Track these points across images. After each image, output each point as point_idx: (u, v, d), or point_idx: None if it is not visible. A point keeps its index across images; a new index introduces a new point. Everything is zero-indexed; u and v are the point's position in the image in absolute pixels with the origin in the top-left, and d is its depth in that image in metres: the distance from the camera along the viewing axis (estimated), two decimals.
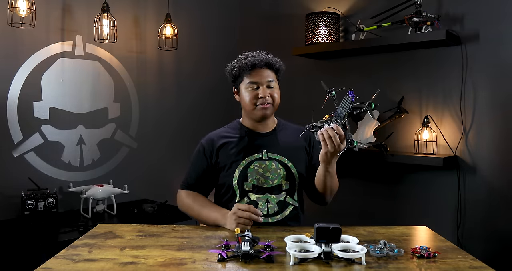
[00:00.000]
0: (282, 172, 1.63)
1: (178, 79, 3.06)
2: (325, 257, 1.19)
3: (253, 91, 1.63)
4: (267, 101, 1.62)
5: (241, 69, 1.64)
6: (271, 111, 1.66)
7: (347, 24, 2.82)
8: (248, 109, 1.66)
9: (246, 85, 1.64)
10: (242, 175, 1.62)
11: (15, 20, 2.15)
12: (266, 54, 1.67)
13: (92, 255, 1.24)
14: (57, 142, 2.52)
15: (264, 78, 1.63)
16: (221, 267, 1.16)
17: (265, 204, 1.62)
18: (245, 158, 1.64)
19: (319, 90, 2.93)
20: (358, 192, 2.77)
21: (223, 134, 1.72)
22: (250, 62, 1.62)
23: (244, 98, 1.65)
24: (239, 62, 1.66)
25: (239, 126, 1.74)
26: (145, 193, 2.84)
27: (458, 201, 2.38)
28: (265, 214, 1.61)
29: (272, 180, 1.62)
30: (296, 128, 1.74)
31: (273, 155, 1.65)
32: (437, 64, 2.46)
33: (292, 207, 1.65)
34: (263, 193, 1.62)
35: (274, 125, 1.74)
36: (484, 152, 2.32)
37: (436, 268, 1.17)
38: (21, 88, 2.36)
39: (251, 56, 1.65)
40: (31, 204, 2.29)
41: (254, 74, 1.63)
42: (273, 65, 1.65)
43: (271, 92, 1.63)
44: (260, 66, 1.63)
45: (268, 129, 1.71)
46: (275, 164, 1.64)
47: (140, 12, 2.84)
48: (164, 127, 3.00)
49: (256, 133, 1.70)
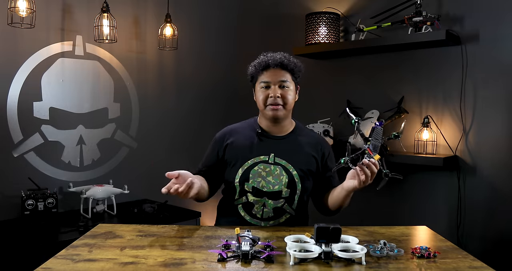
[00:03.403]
0: (284, 178, 1.61)
1: (178, 79, 3.06)
2: (325, 257, 1.19)
3: (265, 91, 1.62)
4: (277, 102, 1.60)
5: (256, 68, 1.65)
6: (282, 113, 1.62)
7: (347, 24, 2.82)
8: (261, 109, 1.66)
9: (259, 84, 1.64)
10: (245, 175, 1.62)
11: (15, 20, 2.15)
12: (282, 55, 1.65)
13: (92, 255, 1.24)
14: (57, 142, 2.52)
15: (276, 78, 1.61)
16: (221, 267, 1.16)
17: (261, 207, 1.61)
18: (251, 158, 1.63)
19: (319, 90, 2.95)
20: (358, 192, 2.77)
21: (236, 131, 1.71)
22: (264, 62, 1.63)
23: (257, 97, 1.66)
24: (255, 62, 1.67)
25: (254, 125, 1.72)
26: (145, 193, 2.84)
27: (458, 201, 2.38)
28: (258, 217, 1.61)
29: (273, 185, 1.61)
30: (310, 135, 1.73)
31: (280, 160, 1.63)
32: (437, 64, 2.46)
33: (288, 215, 1.64)
34: (261, 196, 1.61)
35: (291, 128, 1.71)
36: (484, 152, 2.32)
37: (436, 268, 1.17)
38: (21, 88, 2.36)
39: (267, 56, 1.65)
40: (31, 204, 2.29)
41: (267, 74, 1.63)
42: (287, 65, 1.63)
43: (283, 93, 1.61)
44: (274, 66, 1.62)
45: (283, 133, 1.69)
46: (279, 169, 1.62)
47: (140, 12, 2.84)
48: (164, 127, 3.00)
49: (267, 135, 1.68)
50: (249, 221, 1.62)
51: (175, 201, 2.82)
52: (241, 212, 1.63)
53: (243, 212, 1.63)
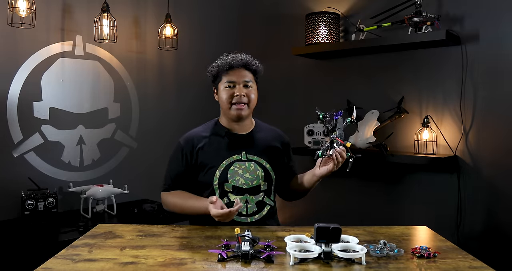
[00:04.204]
0: (260, 173, 1.67)
1: (178, 79, 3.06)
2: (325, 257, 1.19)
3: (230, 90, 1.67)
4: (242, 101, 1.66)
5: (219, 69, 1.70)
6: (246, 112, 1.68)
7: (347, 24, 2.82)
8: (225, 109, 1.70)
9: (223, 84, 1.69)
10: (223, 176, 1.64)
11: (15, 20, 2.15)
12: (244, 56, 1.72)
13: (92, 255, 1.24)
14: (57, 142, 2.52)
15: (240, 78, 1.67)
16: (221, 267, 1.16)
17: (244, 204, 1.64)
18: (225, 159, 1.67)
19: (319, 90, 2.95)
20: (358, 192, 2.77)
21: (202, 135, 1.74)
22: (228, 62, 1.68)
23: (221, 97, 1.70)
24: (218, 62, 1.72)
25: (217, 126, 1.76)
26: (145, 193, 2.84)
27: (458, 201, 2.38)
28: (244, 213, 1.65)
29: (251, 181, 1.66)
30: (271, 129, 1.82)
31: (252, 156, 1.69)
32: (437, 64, 2.46)
33: (269, 206, 1.70)
34: (242, 193, 1.65)
35: (252, 126, 1.77)
36: (484, 152, 2.32)
37: (436, 268, 1.17)
38: (21, 88, 2.36)
39: (230, 57, 1.70)
40: (31, 204, 2.29)
41: (231, 74, 1.68)
42: (250, 65, 1.70)
43: (248, 92, 1.67)
44: (238, 66, 1.68)
45: (246, 131, 1.75)
46: (254, 165, 1.68)
47: (140, 12, 2.84)
48: (164, 127, 3.00)
49: (235, 135, 1.73)
50: (235, 219, 1.63)
51: None
52: None
53: None
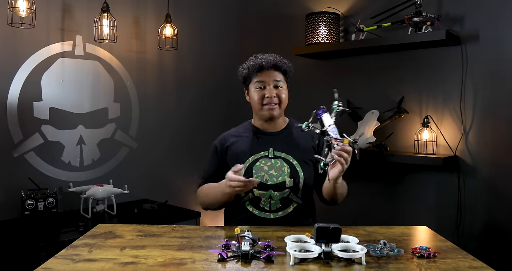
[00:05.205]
0: (286, 169, 1.66)
1: (178, 79, 3.06)
2: (325, 257, 1.19)
3: (261, 91, 1.69)
4: (274, 102, 1.67)
5: (250, 70, 1.71)
6: (277, 112, 1.70)
7: (347, 24, 2.82)
8: (256, 109, 1.72)
9: (254, 85, 1.70)
10: (248, 171, 1.66)
11: (15, 20, 2.15)
12: (274, 56, 1.73)
13: (92, 255, 1.24)
14: (57, 142, 2.51)
15: (271, 79, 1.68)
16: (221, 267, 1.16)
17: (267, 200, 1.65)
18: (251, 155, 1.69)
19: (319, 90, 2.94)
20: (358, 192, 2.77)
21: (233, 134, 1.79)
22: (258, 63, 1.70)
23: (252, 98, 1.72)
24: (249, 64, 1.73)
25: (250, 126, 1.79)
26: (145, 193, 2.84)
27: (458, 201, 2.38)
28: (267, 209, 1.65)
29: (276, 177, 1.65)
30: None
31: (279, 153, 1.69)
32: (437, 64, 2.46)
33: (296, 204, 1.67)
34: (266, 189, 1.65)
35: (284, 124, 1.78)
36: (484, 152, 2.32)
37: (436, 268, 1.17)
38: (21, 88, 2.36)
39: (260, 58, 1.72)
40: (31, 204, 2.29)
41: (262, 75, 1.69)
42: (280, 67, 1.71)
43: (278, 93, 1.68)
44: (268, 68, 1.69)
45: (277, 129, 1.76)
46: (280, 162, 1.68)
47: (140, 12, 2.84)
48: (164, 127, 3.00)
49: (264, 133, 1.75)
50: (258, 215, 1.65)
51: (175, 201, 2.82)
52: (249, 208, 1.66)
53: (251, 207, 1.66)
